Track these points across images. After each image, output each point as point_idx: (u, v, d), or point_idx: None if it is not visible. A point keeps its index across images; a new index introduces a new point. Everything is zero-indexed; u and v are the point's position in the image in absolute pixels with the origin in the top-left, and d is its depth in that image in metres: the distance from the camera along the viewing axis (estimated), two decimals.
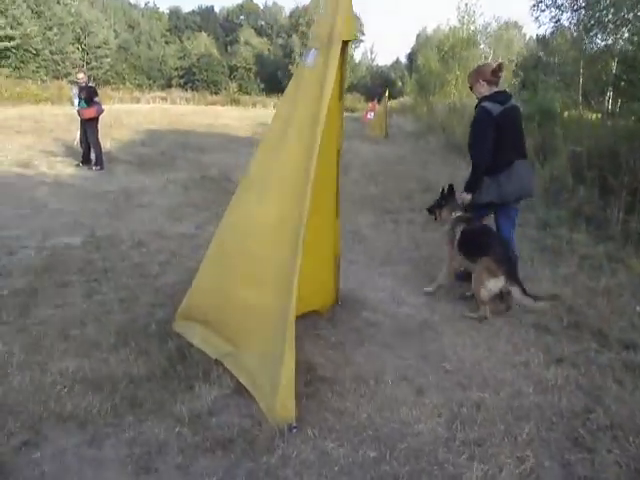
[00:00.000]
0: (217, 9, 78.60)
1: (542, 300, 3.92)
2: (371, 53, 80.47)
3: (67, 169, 10.27)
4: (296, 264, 2.70)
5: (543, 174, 9.02)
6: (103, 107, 10.60)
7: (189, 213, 7.17)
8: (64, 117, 21.15)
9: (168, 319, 3.76)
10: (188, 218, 6.92)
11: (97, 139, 10.48)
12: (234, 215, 3.25)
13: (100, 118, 10.57)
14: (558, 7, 24.92)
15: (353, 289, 4.65)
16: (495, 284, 3.92)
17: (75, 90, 30.94)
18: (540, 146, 11.77)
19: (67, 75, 43.93)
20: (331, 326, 3.94)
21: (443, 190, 4.66)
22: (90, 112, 10.23)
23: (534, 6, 25.93)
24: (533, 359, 3.52)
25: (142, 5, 73.91)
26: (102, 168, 10.31)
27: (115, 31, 56.02)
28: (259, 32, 73.13)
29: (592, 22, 23.49)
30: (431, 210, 4.77)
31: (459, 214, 4.45)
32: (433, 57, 36.25)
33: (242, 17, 77.36)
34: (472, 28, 32.65)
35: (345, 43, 2.95)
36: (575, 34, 24.58)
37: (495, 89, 4.23)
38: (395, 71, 73.64)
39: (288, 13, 76.58)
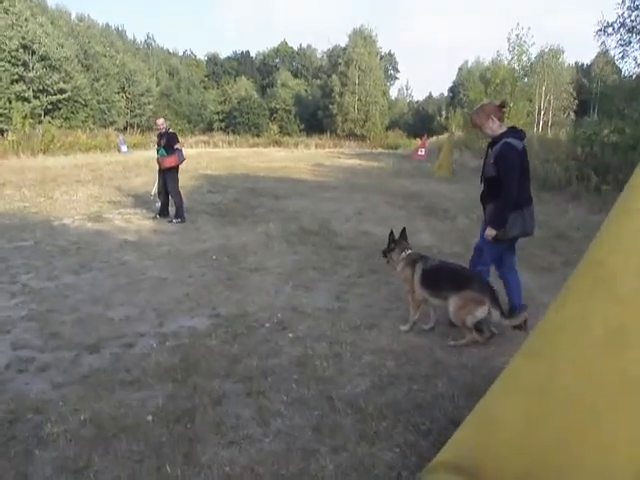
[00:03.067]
0: (253, 54, 79.75)
1: (515, 318, 4.12)
2: (407, 89, 79.91)
3: (145, 222, 9.29)
4: None
5: None
6: (185, 154, 9.65)
7: (315, 278, 5.97)
8: (117, 164, 20.81)
9: (405, 464, 2.51)
10: (318, 285, 5.71)
11: (178, 189, 9.51)
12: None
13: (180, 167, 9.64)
14: (629, 30, 23.83)
15: None
16: (482, 311, 4.01)
17: (121, 137, 30.86)
18: None
19: (113, 123, 44.43)
20: None
21: (392, 233, 4.72)
22: (171, 160, 9.27)
23: (600, 30, 24.89)
24: None
25: (180, 53, 75.45)
26: (183, 220, 9.29)
27: (157, 79, 56.83)
28: (295, 74, 73.67)
29: None
30: (384, 253, 4.78)
31: (409, 252, 4.56)
32: (481, 89, 35.17)
33: (277, 60, 78.22)
34: (525, 59, 31.54)
35: None
36: None
37: (504, 126, 4.31)
38: (429, 106, 72.99)
39: (322, 55, 77.22)
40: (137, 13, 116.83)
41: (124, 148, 29.87)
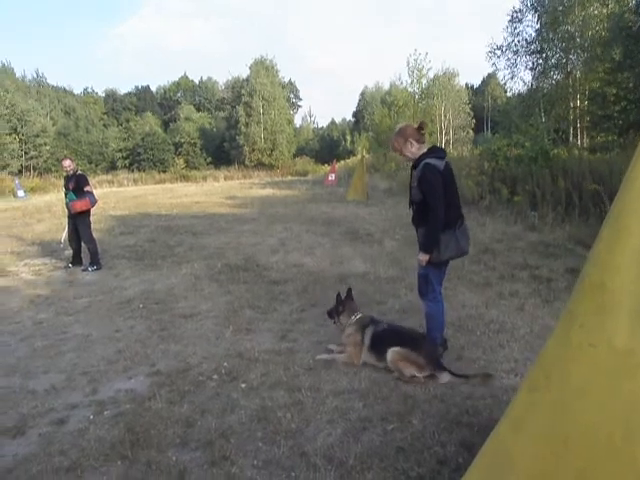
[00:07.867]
0: (153, 88, 78.13)
1: (475, 377, 3.82)
2: (310, 116, 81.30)
3: (57, 274, 8.54)
4: None
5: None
6: (97, 197, 9.01)
7: (254, 318, 5.63)
8: (15, 211, 19.45)
9: None
10: (260, 326, 5.38)
11: (91, 235, 8.84)
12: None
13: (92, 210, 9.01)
14: (515, 52, 25.79)
15: None
16: (419, 373, 3.87)
17: (17, 181, 28.77)
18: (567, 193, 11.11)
19: (5, 167, 41.63)
20: None
21: (339, 295, 4.54)
22: (82, 204, 8.60)
23: (490, 52, 26.81)
24: None
25: (78, 90, 72.54)
26: (99, 267, 8.62)
27: (52, 118, 54.16)
28: (198, 107, 72.95)
29: (550, 63, 24.25)
30: (330, 314, 4.62)
31: (359, 316, 4.41)
32: (385, 113, 36.40)
33: (179, 94, 77.12)
34: (424, 82, 33.11)
35: None
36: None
37: (425, 146, 4.20)
38: (334, 131, 74.64)
39: (224, 87, 77.05)
40: (25, 50, 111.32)
41: (21, 193, 27.97)
